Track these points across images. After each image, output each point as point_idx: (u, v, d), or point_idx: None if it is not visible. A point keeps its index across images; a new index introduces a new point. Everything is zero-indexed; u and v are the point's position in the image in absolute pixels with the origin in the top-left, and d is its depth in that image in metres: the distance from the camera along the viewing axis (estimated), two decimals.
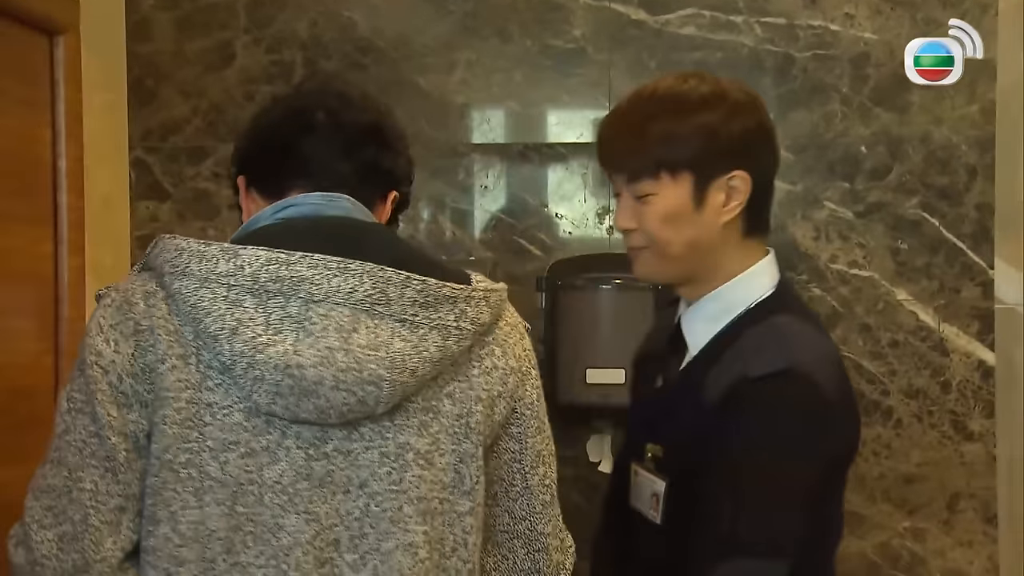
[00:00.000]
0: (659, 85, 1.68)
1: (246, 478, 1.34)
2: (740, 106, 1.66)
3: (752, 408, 1.60)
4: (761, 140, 1.68)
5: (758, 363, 1.61)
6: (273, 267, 1.33)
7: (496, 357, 1.43)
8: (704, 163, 1.63)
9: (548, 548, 1.49)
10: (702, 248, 1.67)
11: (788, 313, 1.69)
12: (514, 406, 1.45)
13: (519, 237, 2.78)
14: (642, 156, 1.64)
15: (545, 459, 1.50)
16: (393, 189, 1.56)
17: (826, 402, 1.61)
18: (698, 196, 1.64)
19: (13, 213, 2.06)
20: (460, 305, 1.38)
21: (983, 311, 2.70)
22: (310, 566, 1.35)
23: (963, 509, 2.71)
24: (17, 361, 2.06)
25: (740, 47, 2.73)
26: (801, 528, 1.63)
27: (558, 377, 2.66)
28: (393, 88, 2.76)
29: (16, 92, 2.08)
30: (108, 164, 2.44)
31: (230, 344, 1.32)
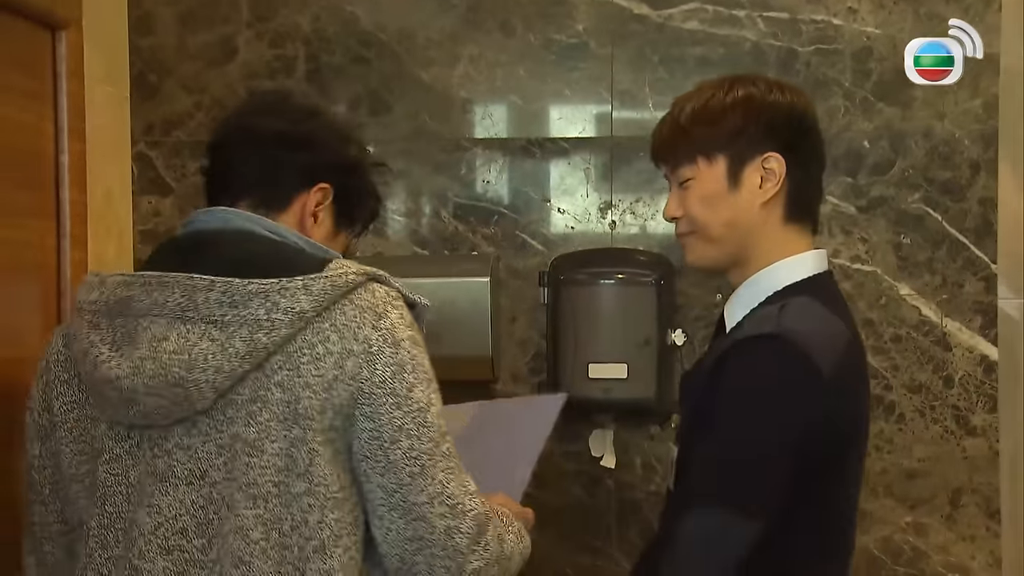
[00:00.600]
0: (705, 82, 1.83)
1: (112, 480, 1.54)
2: (773, 93, 1.78)
3: (733, 364, 1.68)
4: (796, 126, 1.78)
5: (751, 328, 1.70)
6: (119, 290, 1.55)
7: (330, 343, 1.51)
8: (736, 145, 1.75)
9: (426, 516, 1.54)
10: (741, 229, 1.78)
11: (809, 296, 1.75)
12: (358, 387, 1.51)
13: (521, 232, 2.78)
14: (679, 144, 1.79)
15: (410, 432, 1.54)
16: (315, 183, 1.70)
17: (812, 371, 1.65)
18: (733, 177, 1.76)
19: (15, 207, 2.07)
20: (273, 298, 1.49)
21: (986, 306, 2.70)
22: (154, 553, 1.50)
23: (965, 504, 2.71)
24: (19, 355, 2.06)
25: (743, 41, 2.73)
26: (776, 492, 1.65)
27: (560, 371, 2.67)
28: (395, 82, 2.76)
29: (18, 86, 2.09)
30: (111, 158, 2.44)
31: (83, 364, 1.54)
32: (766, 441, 1.66)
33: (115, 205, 2.47)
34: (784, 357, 1.65)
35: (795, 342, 1.65)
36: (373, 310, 1.56)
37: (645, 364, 2.64)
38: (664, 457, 2.74)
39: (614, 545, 2.75)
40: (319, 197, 1.70)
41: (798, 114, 1.79)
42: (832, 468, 1.74)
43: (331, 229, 1.75)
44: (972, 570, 2.70)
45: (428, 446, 1.55)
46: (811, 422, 1.67)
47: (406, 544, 1.55)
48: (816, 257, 1.82)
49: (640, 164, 2.76)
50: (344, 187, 1.74)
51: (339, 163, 1.73)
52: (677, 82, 2.73)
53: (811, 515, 1.72)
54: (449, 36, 2.77)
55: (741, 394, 1.67)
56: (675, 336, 2.67)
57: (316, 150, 1.71)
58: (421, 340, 1.61)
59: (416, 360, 1.57)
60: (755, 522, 1.65)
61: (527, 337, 2.77)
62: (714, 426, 1.68)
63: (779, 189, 1.76)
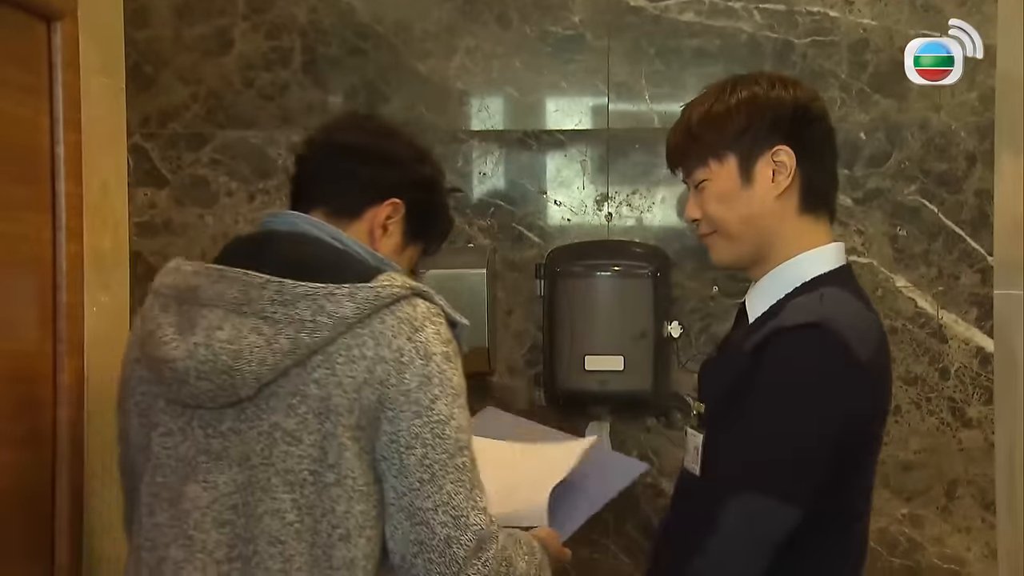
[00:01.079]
0: (711, 86, 1.87)
1: (164, 454, 1.66)
2: (776, 89, 1.83)
3: (777, 352, 1.70)
4: (801, 118, 1.82)
5: (793, 317, 1.72)
6: (190, 279, 1.68)
7: (366, 348, 1.62)
8: (744, 142, 1.80)
9: (429, 522, 1.62)
10: (758, 223, 1.82)
11: (839, 287, 1.79)
12: (384, 392, 1.61)
13: (517, 224, 2.78)
14: (690, 149, 1.85)
15: (427, 441, 1.63)
16: (387, 198, 1.81)
17: (853, 361, 1.70)
18: (745, 174, 1.81)
19: (11, 199, 2.06)
20: (320, 301, 1.60)
21: (982, 298, 2.70)
22: (209, 526, 1.62)
23: (961, 496, 2.72)
24: (16, 347, 2.06)
25: (739, 33, 2.73)
26: (814, 480, 1.69)
27: (556, 364, 2.67)
28: (392, 74, 2.76)
29: (13, 78, 2.08)
30: (107, 150, 2.44)
31: (148, 343, 1.66)
32: (808, 430, 1.70)
33: (111, 197, 2.47)
34: (827, 347, 1.69)
35: (838, 331, 1.69)
36: (411, 323, 1.65)
37: (641, 356, 2.64)
38: (661, 449, 2.74)
39: (611, 538, 2.75)
40: (389, 211, 1.81)
41: (802, 106, 1.83)
42: (859, 461, 1.77)
43: (399, 243, 1.85)
44: (967, 561, 2.71)
45: (442, 456, 1.63)
46: (851, 413, 1.71)
47: (409, 545, 1.63)
48: (838, 250, 1.86)
49: (636, 156, 2.76)
50: (415, 203, 1.84)
51: (412, 180, 1.84)
52: (674, 74, 2.73)
53: (833, 507, 1.75)
54: (446, 28, 2.76)
55: (784, 382, 1.71)
56: (671, 328, 2.67)
57: (390, 166, 1.83)
58: (456, 356, 1.68)
59: (445, 375, 1.65)
60: (795, 509, 1.69)
61: (523, 329, 2.77)
62: (756, 413, 1.71)
63: (792, 181, 1.80)
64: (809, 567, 1.76)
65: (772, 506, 1.68)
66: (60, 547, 2.15)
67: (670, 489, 2.70)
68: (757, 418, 1.72)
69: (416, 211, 1.85)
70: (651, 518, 2.73)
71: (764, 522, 1.69)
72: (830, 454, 1.70)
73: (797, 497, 1.69)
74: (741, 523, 1.69)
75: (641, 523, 2.73)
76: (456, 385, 1.67)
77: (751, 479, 1.70)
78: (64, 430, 2.15)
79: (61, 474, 2.15)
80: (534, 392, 2.75)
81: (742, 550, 1.70)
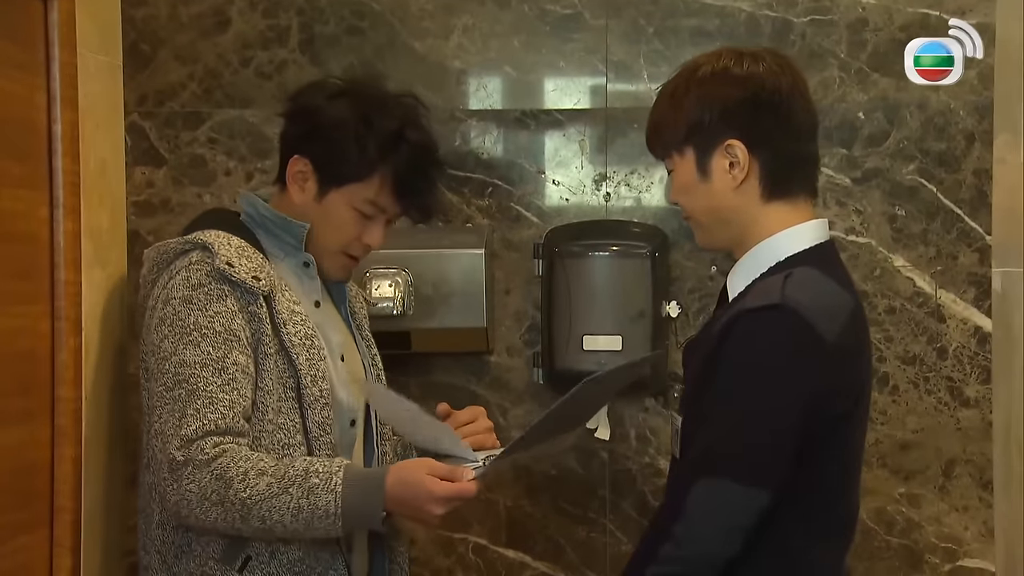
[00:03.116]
0: (674, 76, 1.90)
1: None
2: (728, 80, 1.82)
3: (737, 334, 1.71)
4: (752, 109, 1.81)
5: (754, 299, 1.74)
6: None
7: (152, 298, 2.00)
8: (696, 136, 1.82)
9: (151, 443, 1.94)
10: (722, 213, 1.84)
11: (812, 266, 1.78)
12: (143, 331, 2.00)
13: (516, 204, 2.78)
14: (655, 141, 1.90)
15: (153, 375, 1.94)
16: (291, 155, 2.05)
17: (816, 340, 1.69)
18: (702, 167, 1.83)
19: (8, 177, 2.06)
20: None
21: (980, 277, 2.70)
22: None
23: (959, 475, 2.72)
24: (14, 324, 2.06)
25: (738, 13, 2.72)
26: (778, 461, 1.68)
27: (554, 344, 2.67)
28: (389, 53, 2.75)
29: (10, 55, 2.07)
30: (104, 129, 2.43)
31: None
32: (771, 411, 1.69)
33: (108, 176, 2.46)
34: (788, 328, 1.69)
35: (799, 312, 1.69)
36: (170, 273, 1.97)
37: (640, 336, 2.64)
38: (659, 429, 2.74)
39: (608, 517, 2.76)
40: (295, 167, 2.05)
41: (753, 95, 1.81)
42: (829, 440, 1.76)
43: (315, 193, 2.05)
44: (964, 540, 2.71)
45: (159, 389, 1.90)
46: (814, 393, 1.70)
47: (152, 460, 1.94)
48: (816, 227, 1.85)
49: (635, 136, 2.75)
50: (320, 151, 2.04)
51: (309, 131, 2.05)
52: (672, 53, 2.72)
53: (805, 488, 1.74)
54: (443, 6, 2.75)
55: (746, 365, 1.70)
56: (670, 308, 2.67)
57: (292, 124, 2.10)
58: (202, 297, 1.91)
59: (178, 316, 1.92)
60: (761, 492, 1.69)
61: (522, 309, 2.77)
62: (719, 396, 1.72)
63: (748, 172, 1.81)
64: (785, 546, 1.76)
65: (734, 490, 1.68)
66: (59, 525, 2.15)
67: (667, 469, 2.72)
68: (718, 401, 1.72)
69: (322, 159, 2.02)
70: (647, 497, 2.73)
71: (727, 506, 1.69)
72: (794, 434, 1.70)
73: (760, 479, 1.69)
74: (705, 508, 1.70)
75: (637, 502, 2.74)
76: (190, 323, 1.90)
77: (712, 464, 1.70)
78: (62, 408, 2.15)
79: (60, 452, 2.15)
80: (532, 372, 2.75)
81: (708, 535, 1.71)
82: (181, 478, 1.84)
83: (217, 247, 1.94)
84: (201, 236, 1.98)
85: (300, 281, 2.07)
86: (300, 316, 2.00)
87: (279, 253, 2.07)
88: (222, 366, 1.89)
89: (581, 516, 2.77)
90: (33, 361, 2.12)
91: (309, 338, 1.99)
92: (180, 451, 1.84)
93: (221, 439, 1.86)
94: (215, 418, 1.86)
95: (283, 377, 1.96)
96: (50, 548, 2.14)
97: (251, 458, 1.85)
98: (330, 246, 2.07)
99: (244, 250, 1.98)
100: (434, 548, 2.69)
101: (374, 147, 2.01)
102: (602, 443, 2.75)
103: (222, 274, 1.92)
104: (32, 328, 2.11)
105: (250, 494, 1.82)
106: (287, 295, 2.01)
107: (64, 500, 2.15)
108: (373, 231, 2.08)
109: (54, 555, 2.14)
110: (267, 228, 2.07)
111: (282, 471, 1.83)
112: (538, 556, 2.77)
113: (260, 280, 1.95)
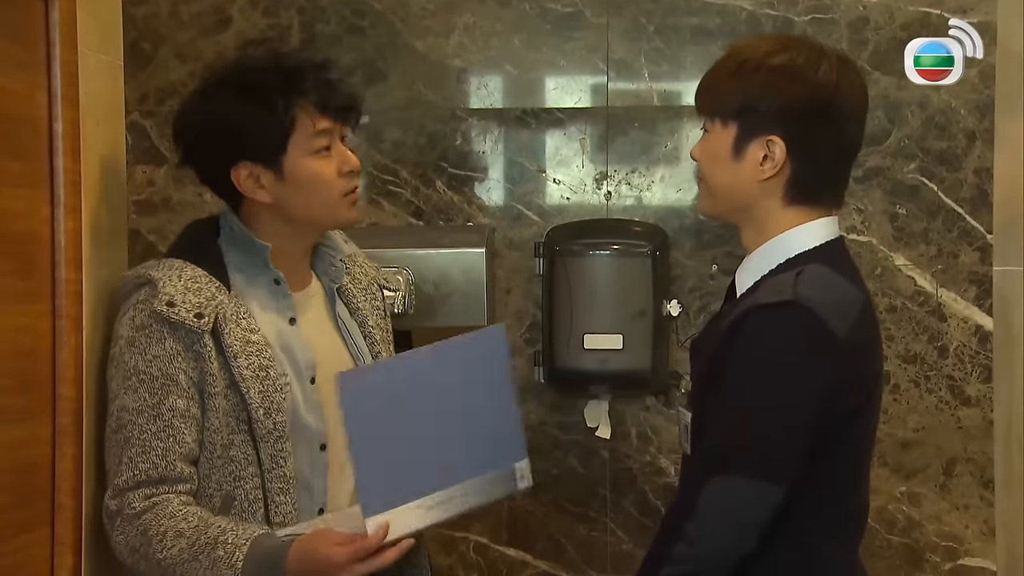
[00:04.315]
0: (749, 43, 1.88)
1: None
2: (799, 80, 1.79)
3: (749, 330, 1.71)
4: (809, 115, 1.79)
5: (766, 295, 1.73)
6: None
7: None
8: (745, 117, 1.80)
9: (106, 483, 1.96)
10: (736, 196, 1.84)
11: (822, 263, 1.78)
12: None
13: (516, 203, 2.78)
14: (706, 99, 1.87)
15: (107, 414, 1.98)
16: (223, 179, 2.03)
17: (828, 336, 1.69)
18: (738, 146, 1.81)
19: (9, 175, 2.05)
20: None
21: (981, 276, 2.70)
22: None
23: (959, 474, 2.72)
24: (14, 323, 2.05)
25: (739, 11, 2.72)
26: (792, 456, 1.68)
27: (555, 343, 2.67)
28: (390, 51, 2.75)
29: (10, 54, 2.07)
30: (105, 127, 2.42)
31: None
32: (784, 408, 1.69)
33: (109, 174, 2.46)
34: (801, 325, 1.69)
35: (812, 309, 1.69)
36: (124, 307, 1.97)
37: (641, 335, 2.64)
38: (660, 427, 2.74)
39: (609, 516, 2.76)
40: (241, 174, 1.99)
41: (816, 105, 1.79)
42: (841, 435, 1.76)
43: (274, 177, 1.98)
44: (965, 539, 2.71)
45: (106, 431, 1.95)
46: (827, 389, 1.71)
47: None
48: (827, 224, 1.85)
49: (636, 135, 2.75)
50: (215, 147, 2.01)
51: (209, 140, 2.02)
52: (673, 52, 2.72)
53: (817, 483, 1.74)
54: (444, 5, 2.76)
55: (758, 361, 1.71)
56: (670, 307, 2.67)
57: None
58: (143, 339, 1.90)
59: (122, 357, 1.93)
60: (775, 487, 1.69)
61: (522, 308, 2.77)
62: (730, 392, 1.72)
63: (779, 172, 1.80)
64: (798, 543, 1.76)
65: (748, 486, 1.69)
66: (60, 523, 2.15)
67: (668, 467, 2.73)
68: (730, 397, 1.72)
69: (254, 146, 1.95)
70: (648, 495, 2.73)
71: (741, 503, 1.70)
72: (807, 430, 1.70)
73: (774, 475, 1.69)
74: (718, 505, 1.70)
75: (638, 500, 2.74)
76: (130, 367, 1.91)
77: (725, 460, 1.70)
78: (63, 406, 2.14)
79: (61, 451, 2.14)
80: (533, 371, 2.75)
81: (721, 532, 1.71)
82: (113, 528, 1.91)
83: (163, 284, 1.91)
84: (152, 271, 1.95)
85: (273, 299, 2.01)
86: (255, 347, 1.93)
87: (252, 271, 2.01)
88: (157, 412, 1.89)
89: (582, 515, 2.77)
90: (34, 360, 2.11)
91: (263, 369, 1.93)
92: (113, 500, 1.90)
93: (153, 490, 1.88)
94: (147, 468, 1.88)
95: (236, 411, 1.92)
96: (51, 547, 2.13)
97: (177, 515, 1.86)
98: (327, 199, 1.99)
99: (195, 282, 1.94)
100: (435, 547, 2.69)
101: (273, 95, 1.94)
102: (603, 442, 2.76)
103: (161, 316, 1.89)
104: (33, 327, 2.11)
105: (165, 555, 1.84)
106: (243, 324, 1.94)
107: (65, 498, 2.14)
108: (341, 155, 2.00)
109: (55, 554, 2.13)
110: (240, 246, 2.02)
111: (196, 536, 1.83)
112: (539, 555, 2.77)
113: (203, 318, 1.90)
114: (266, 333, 1.97)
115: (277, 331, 1.99)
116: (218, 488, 1.92)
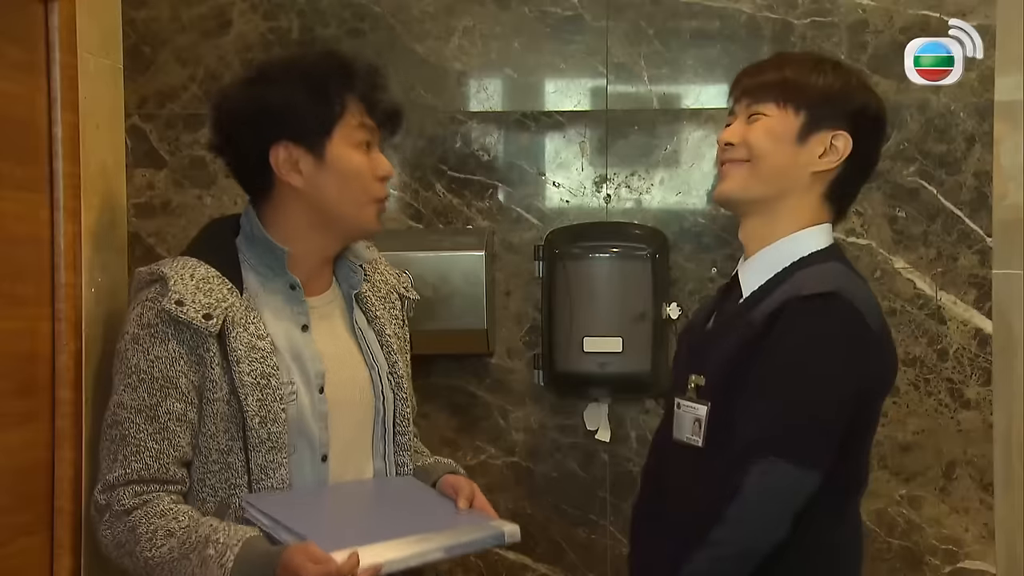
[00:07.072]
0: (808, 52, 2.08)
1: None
2: (867, 87, 1.96)
3: (799, 319, 1.76)
4: (873, 122, 1.93)
5: (808, 286, 1.78)
6: None
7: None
8: (821, 108, 1.87)
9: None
10: (785, 180, 1.89)
11: (840, 263, 1.89)
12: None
13: (516, 205, 2.78)
14: (772, 84, 1.89)
15: (112, 393, 1.96)
16: (258, 163, 2.00)
17: (867, 328, 1.78)
18: (803, 134, 1.87)
19: (8, 179, 2.06)
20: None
21: (980, 279, 2.70)
22: None
23: (959, 477, 2.72)
24: (14, 326, 2.06)
25: (738, 14, 2.72)
26: (832, 445, 1.72)
27: (555, 346, 2.67)
28: (390, 55, 2.75)
29: (11, 57, 2.07)
30: (104, 131, 2.43)
31: None
32: (829, 396, 1.76)
33: (109, 178, 2.46)
34: (845, 317, 1.76)
35: (853, 302, 1.76)
36: (134, 303, 1.96)
37: (640, 338, 2.64)
38: None
39: (609, 519, 2.76)
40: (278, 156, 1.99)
41: (880, 113, 1.94)
42: (863, 428, 1.82)
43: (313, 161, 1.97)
44: (965, 542, 2.71)
45: (103, 426, 1.95)
46: (865, 377, 1.78)
47: None
48: (827, 229, 1.94)
49: (635, 138, 2.75)
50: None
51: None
52: (672, 55, 2.72)
53: (837, 476, 1.79)
54: (444, 8, 2.76)
55: (805, 349, 1.74)
56: (670, 310, 2.67)
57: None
58: (147, 338, 1.90)
59: (125, 354, 1.93)
60: (814, 474, 1.74)
61: (522, 311, 2.77)
62: (774, 379, 1.74)
63: (833, 168, 1.88)
64: (817, 538, 1.78)
65: (794, 472, 1.72)
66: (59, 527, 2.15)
67: None
68: (775, 384, 1.74)
69: (298, 126, 1.95)
70: None
71: (786, 488, 1.73)
72: (847, 418, 1.76)
73: (817, 462, 1.74)
74: (764, 490, 1.73)
75: None
76: (132, 365, 1.91)
77: (772, 445, 1.73)
78: (63, 410, 2.14)
79: (60, 454, 2.15)
80: (533, 374, 2.75)
81: (765, 517, 1.74)
82: (101, 522, 1.91)
83: (174, 281, 1.90)
84: (165, 268, 1.93)
85: (288, 304, 1.99)
86: (260, 353, 1.91)
87: (268, 273, 1.99)
88: (154, 414, 1.89)
89: (582, 518, 2.77)
90: (33, 363, 2.11)
91: (265, 377, 1.91)
92: (102, 495, 1.91)
93: (144, 488, 1.89)
94: (139, 467, 1.88)
95: (236, 417, 1.91)
96: (50, 550, 2.14)
97: (167, 514, 1.86)
98: (358, 197, 1.98)
99: (207, 282, 1.92)
100: None
101: (326, 80, 1.95)
102: (603, 445, 2.76)
103: (170, 315, 1.88)
104: (32, 330, 2.11)
105: (153, 555, 1.84)
106: (251, 328, 1.92)
107: (64, 502, 2.14)
108: (377, 160, 2.00)
109: (54, 556, 2.14)
110: (258, 248, 2.00)
111: (186, 535, 1.83)
112: (539, 558, 2.77)
113: (212, 319, 1.88)
114: (277, 339, 1.96)
115: (288, 337, 1.97)
116: (212, 493, 1.92)
